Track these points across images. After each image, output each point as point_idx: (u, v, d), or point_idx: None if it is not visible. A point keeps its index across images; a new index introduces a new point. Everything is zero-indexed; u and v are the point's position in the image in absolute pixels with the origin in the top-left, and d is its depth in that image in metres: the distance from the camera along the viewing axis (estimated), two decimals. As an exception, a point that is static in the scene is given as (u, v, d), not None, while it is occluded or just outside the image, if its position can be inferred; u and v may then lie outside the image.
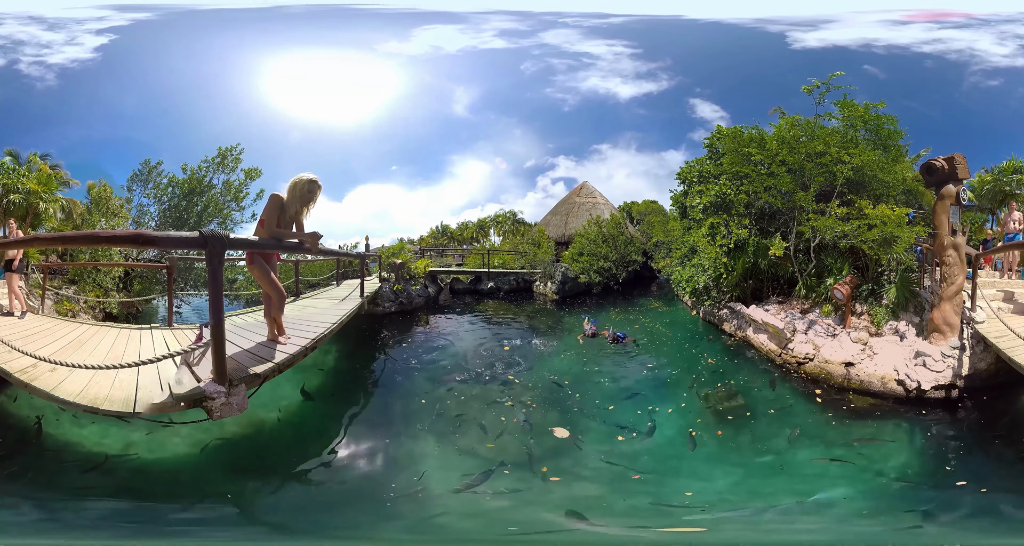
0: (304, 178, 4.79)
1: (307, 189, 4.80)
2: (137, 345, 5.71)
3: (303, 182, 4.78)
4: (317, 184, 4.86)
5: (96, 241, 7.93)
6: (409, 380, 8.70)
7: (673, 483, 5.41)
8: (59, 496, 4.60)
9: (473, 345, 11.12)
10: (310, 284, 14.05)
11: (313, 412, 7.20)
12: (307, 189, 4.80)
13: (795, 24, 17.67)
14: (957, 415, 6.80)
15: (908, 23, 17.45)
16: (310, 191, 4.82)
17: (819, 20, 17.51)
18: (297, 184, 4.77)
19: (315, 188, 4.85)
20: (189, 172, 16.59)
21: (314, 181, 4.83)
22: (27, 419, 5.87)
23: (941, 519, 4.64)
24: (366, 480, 5.54)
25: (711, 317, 12.91)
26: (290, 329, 5.55)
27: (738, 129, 12.18)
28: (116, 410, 3.60)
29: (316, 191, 4.87)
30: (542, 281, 19.93)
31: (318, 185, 4.87)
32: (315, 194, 4.87)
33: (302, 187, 4.77)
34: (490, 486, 5.28)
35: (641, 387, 8.36)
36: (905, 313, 9.15)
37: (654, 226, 20.54)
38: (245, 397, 3.83)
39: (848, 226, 9.93)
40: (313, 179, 4.82)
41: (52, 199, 12.61)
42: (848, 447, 6.10)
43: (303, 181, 4.78)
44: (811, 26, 17.43)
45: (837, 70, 11.10)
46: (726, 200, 11.82)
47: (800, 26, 17.57)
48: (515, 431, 6.60)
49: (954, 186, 8.09)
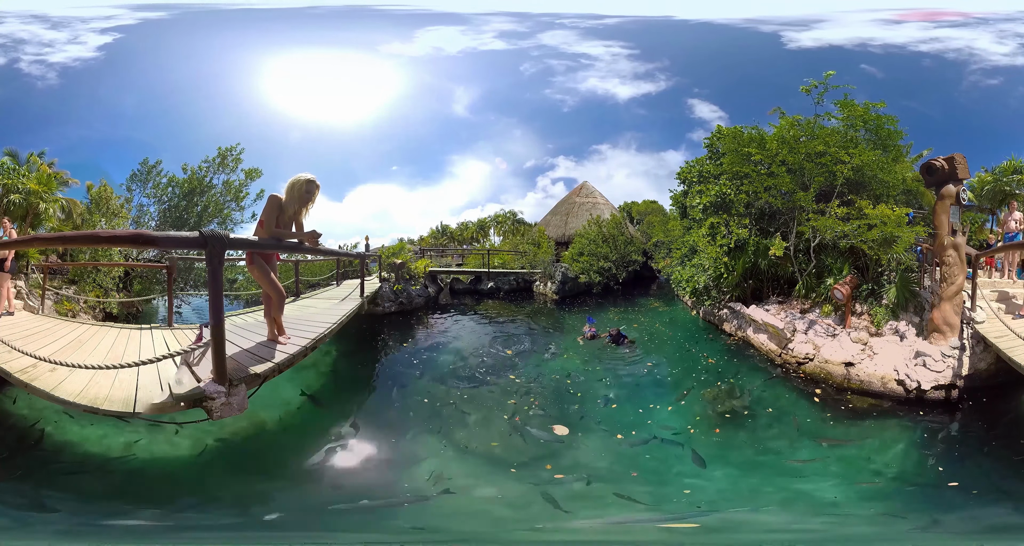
0: (302, 178, 4.78)
1: (305, 189, 4.79)
2: (137, 345, 5.71)
3: (301, 182, 4.77)
4: (315, 184, 4.84)
5: (96, 241, 7.94)
6: (409, 380, 8.70)
7: (672, 482, 5.42)
8: (59, 496, 4.60)
9: (473, 345, 11.12)
10: (310, 284, 14.04)
11: (313, 412, 7.20)
12: (305, 189, 4.79)
13: (786, 24, 17.70)
14: (957, 415, 6.80)
15: (902, 22, 17.44)
16: (308, 191, 4.80)
17: (810, 20, 17.52)
18: (295, 184, 4.77)
19: (313, 188, 4.83)
20: (189, 172, 16.60)
21: (312, 181, 4.82)
22: (27, 419, 5.87)
23: (938, 520, 4.64)
24: (366, 480, 5.54)
25: (711, 317, 12.91)
26: (290, 329, 5.55)
27: (738, 129, 12.18)
28: (116, 410, 3.60)
29: (314, 191, 4.85)
30: (542, 281, 19.93)
31: (316, 185, 4.85)
32: (313, 194, 4.86)
33: (300, 187, 4.76)
34: (491, 485, 5.28)
35: (641, 386, 8.36)
36: (905, 313, 9.14)
37: (654, 226, 20.55)
38: (245, 397, 3.83)
39: (848, 226, 9.93)
40: (311, 179, 4.81)
41: (52, 199, 12.60)
42: (847, 447, 6.10)
43: (301, 181, 4.77)
44: (803, 26, 17.44)
45: (835, 70, 11.11)
46: (726, 200, 11.81)
47: (792, 26, 17.58)
48: (516, 430, 6.61)
49: (954, 186, 8.09)
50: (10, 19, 16.63)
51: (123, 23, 17.28)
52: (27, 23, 16.55)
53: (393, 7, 19.30)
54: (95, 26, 17.02)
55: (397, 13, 19.37)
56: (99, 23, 17.02)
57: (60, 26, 16.85)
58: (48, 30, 16.69)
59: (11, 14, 16.65)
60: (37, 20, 16.64)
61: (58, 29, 16.81)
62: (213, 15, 18.79)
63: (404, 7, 19.37)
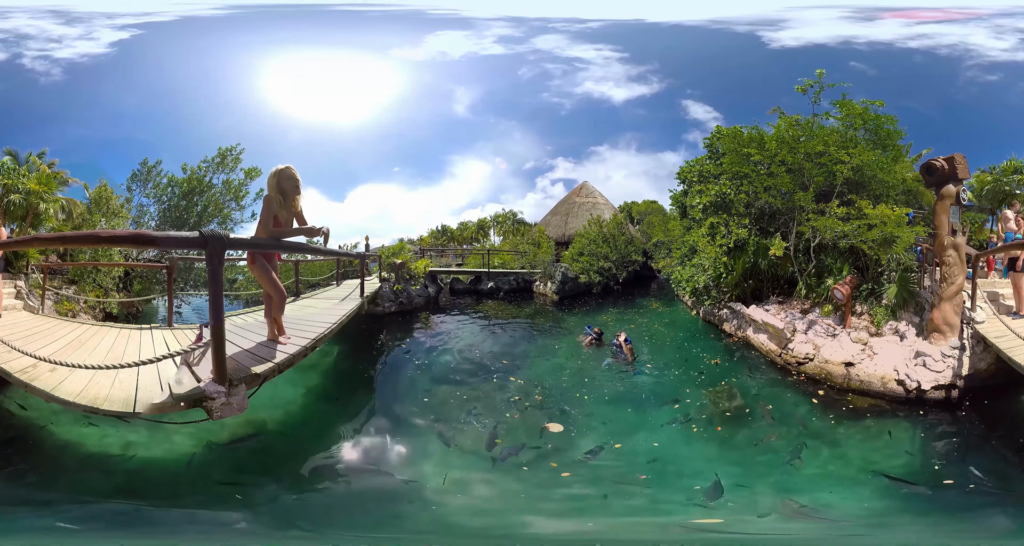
0: (274, 171, 4.71)
1: (285, 177, 4.70)
2: (137, 345, 5.71)
3: (272, 175, 4.70)
4: (291, 170, 4.74)
5: (96, 241, 7.93)
6: (409, 380, 8.70)
7: (672, 482, 5.42)
8: (59, 496, 4.60)
9: (473, 345, 11.12)
10: (310, 284, 14.04)
11: (313, 412, 7.20)
12: (285, 177, 4.70)
13: (755, 24, 17.77)
14: (957, 415, 6.80)
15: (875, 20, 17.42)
16: (287, 178, 4.71)
17: (776, 19, 17.56)
18: (269, 180, 4.71)
19: (290, 173, 4.73)
20: (189, 172, 16.60)
21: (287, 168, 4.73)
22: (27, 419, 5.87)
23: (938, 520, 4.64)
24: (367, 480, 5.54)
25: (711, 317, 12.91)
26: (290, 329, 5.55)
27: (737, 129, 12.19)
28: (116, 410, 3.60)
29: (292, 177, 4.73)
30: (542, 281, 19.93)
31: (291, 171, 4.75)
32: (295, 180, 4.75)
33: (278, 181, 4.69)
34: (492, 485, 5.29)
35: (641, 386, 8.36)
36: (905, 313, 9.15)
37: (654, 226, 20.57)
38: (245, 397, 3.83)
39: (848, 226, 9.93)
40: (285, 167, 4.73)
41: (52, 199, 12.60)
42: (846, 447, 6.10)
43: (271, 174, 4.71)
44: (772, 25, 17.48)
45: (823, 68, 11.16)
46: (726, 200, 11.82)
47: (763, 26, 17.64)
48: (516, 430, 6.61)
49: (954, 186, 8.09)
50: (17, 14, 16.54)
51: (128, 23, 17.23)
52: (37, 18, 16.43)
53: (395, 7, 19.36)
54: (118, 22, 16.91)
55: (398, 14, 19.42)
56: (123, 20, 16.91)
57: (70, 23, 16.73)
58: (58, 25, 16.56)
59: (20, 9, 16.57)
60: (51, 14, 16.50)
61: (73, 24, 16.68)
62: (214, 15, 18.81)
63: (404, 7, 19.41)
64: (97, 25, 16.92)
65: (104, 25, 17.08)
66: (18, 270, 10.14)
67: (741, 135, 11.82)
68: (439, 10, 19.08)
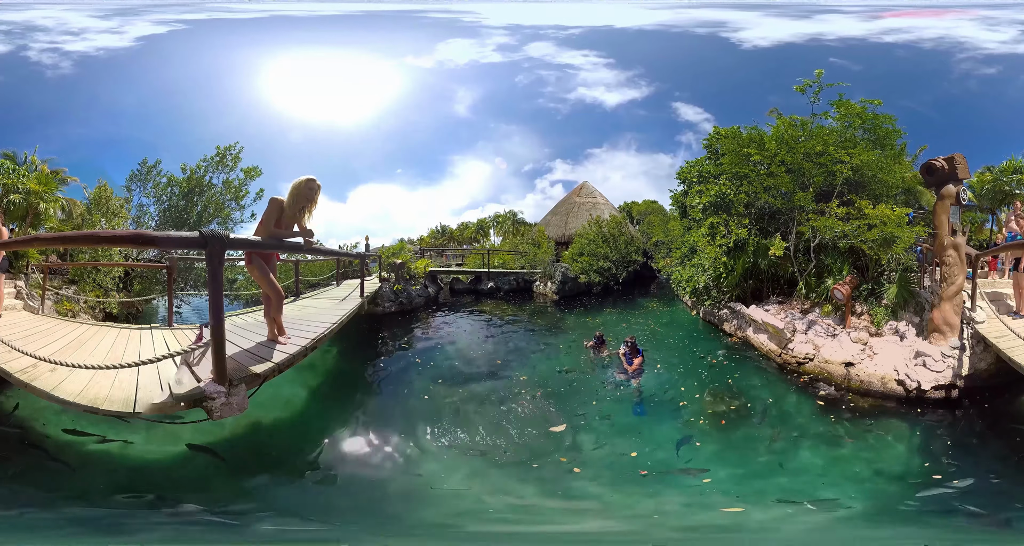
0: (302, 179, 4.84)
1: (306, 188, 4.84)
2: (137, 345, 5.71)
3: (301, 182, 4.83)
4: (316, 183, 4.89)
5: (96, 241, 7.93)
6: (409, 379, 8.69)
7: (672, 482, 5.42)
8: (59, 496, 4.60)
9: (473, 344, 11.12)
10: (310, 284, 14.04)
11: (313, 412, 7.20)
12: (306, 188, 4.84)
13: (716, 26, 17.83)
14: (957, 415, 6.80)
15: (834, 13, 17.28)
16: (310, 189, 4.86)
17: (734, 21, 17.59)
18: (297, 186, 4.83)
19: (314, 186, 4.88)
20: (188, 172, 16.56)
21: (312, 180, 4.88)
22: (27, 419, 5.87)
23: (938, 520, 4.64)
24: (368, 480, 5.54)
25: (711, 317, 12.90)
26: (290, 329, 5.54)
27: (736, 129, 12.19)
28: (116, 410, 3.60)
29: (316, 189, 4.90)
30: (542, 281, 19.92)
31: (317, 184, 4.91)
32: (315, 193, 4.90)
33: (301, 188, 4.81)
34: (492, 484, 5.28)
35: (642, 386, 8.35)
36: (905, 313, 9.15)
37: (654, 226, 20.56)
38: (245, 397, 3.83)
39: (848, 226, 9.93)
40: (311, 178, 4.86)
41: (52, 199, 12.59)
42: (847, 446, 6.10)
43: (302, 181, 4.84)
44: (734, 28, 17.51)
45: (808, 66, 11.17)
46: (726, 200, 11.82)
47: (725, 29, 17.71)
48: (517, 429, 6.61)
49: (954, 186, 8.10)
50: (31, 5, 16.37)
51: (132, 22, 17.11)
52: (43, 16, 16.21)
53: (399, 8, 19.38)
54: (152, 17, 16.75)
55: (399, 13, 19.43)
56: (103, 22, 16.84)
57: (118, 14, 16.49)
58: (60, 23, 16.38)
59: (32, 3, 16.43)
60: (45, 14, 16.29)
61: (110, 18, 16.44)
62: (217, 17, 18.82)
63: (406, 6, 19.42)
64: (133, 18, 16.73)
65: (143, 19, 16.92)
66: (18, 270, 10.13)
67: (740, 135, 11.83)
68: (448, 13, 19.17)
